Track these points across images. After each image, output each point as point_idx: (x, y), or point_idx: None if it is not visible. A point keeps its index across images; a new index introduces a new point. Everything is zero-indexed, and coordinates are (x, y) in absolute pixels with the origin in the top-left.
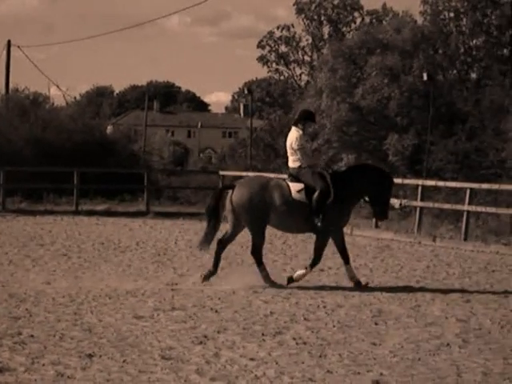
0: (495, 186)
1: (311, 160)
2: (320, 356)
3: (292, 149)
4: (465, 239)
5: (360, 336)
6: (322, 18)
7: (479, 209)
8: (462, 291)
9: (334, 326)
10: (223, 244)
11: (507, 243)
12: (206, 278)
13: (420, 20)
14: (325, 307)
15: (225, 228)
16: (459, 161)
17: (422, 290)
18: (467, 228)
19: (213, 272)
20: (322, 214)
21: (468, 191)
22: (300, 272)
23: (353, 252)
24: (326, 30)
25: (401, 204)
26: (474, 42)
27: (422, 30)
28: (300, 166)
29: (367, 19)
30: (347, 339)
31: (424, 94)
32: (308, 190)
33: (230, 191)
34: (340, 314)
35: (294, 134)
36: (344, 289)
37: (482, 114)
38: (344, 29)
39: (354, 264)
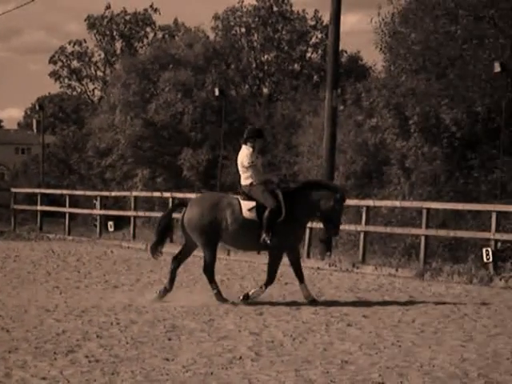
0: None
1: (263, 176)
2: (112, 373)
3: (243, 166)
4: (258, 253)
5: (153, 352)
6: (115, 33)
7: None
8: (256, 304)
9: (127, 343)
10: (178, 261)
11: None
12: (161, 295)
13: (212, 35)
14: (118, 324)
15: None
16: None
17: (215, 304)
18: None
19: (168, 289)
20: (272, 232)
21: None
22: (254, 290)
23: (147, 268)
24: (118, 45)
25: None
26: (266, 57)
27: (214, 45)
28: (251, 184)
29: (159, 34)
30: (140, 355)
31: (217, 109)
32: (259, 208)
33: (184, 209)
34: (133, 331)
35: (244, 152)
36: (138, 305)
37: (274, 128)
38: (136, 44)
39: (148, 279)
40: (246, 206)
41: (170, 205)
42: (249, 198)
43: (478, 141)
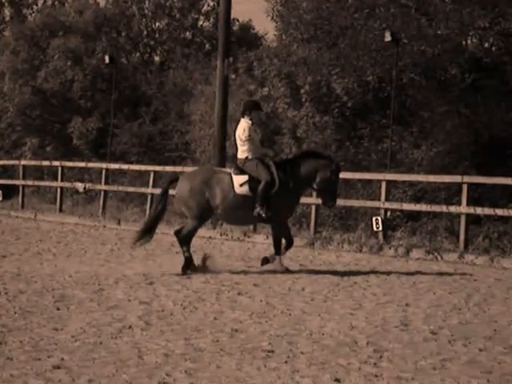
0: (179, 168)
1: (260, 150)
2: (0, 343)
3: (240, 140)
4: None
5: (42, 322)
6: (3, 0)
7: None
8: (146, 274)
9: (15, 313)
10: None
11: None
12: (184, 269)
13: (102, 2)
14: (6, 293)
15: None
16: (144, 144)
17: (105, 273)
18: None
19: (190, 260)
20: (267, 205)
21: (152, 174)
22: (276, 258)
23: (36, 237)
24: (7, 11)
25: (85, 188)
26: (157, 24)
27: (105, 12)
28: (247, 158)
29: (49, 1)
30: (28, 325)
31: (108, 77)
32: (252, 182)
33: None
34: (22, 300)
35: (242, 125)
36: (26, 275)
37: (165, 96)
38: (26, 11)
39: (37, 249)
40: (238, 180)
41: (164, 185)
42: (242, 172)
43: (368, 110)
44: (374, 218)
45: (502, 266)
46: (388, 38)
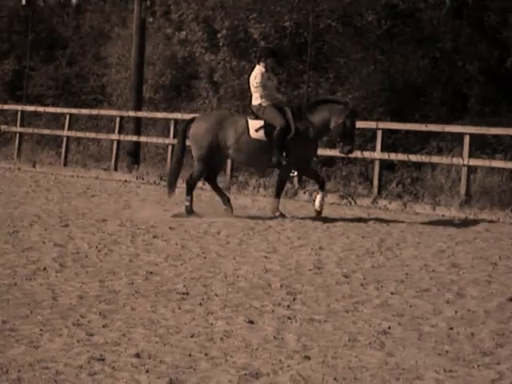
0: (95, 112)
1: (272, 97)
2: None
3: (253, 86)
4: (65, 165)
5: None
6: None
7: (79, 134)
8: (61, 216)
9: None
10: (211, 179)
11: (107, 168)
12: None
13: None
14: None
15: None
16: (60, 86)
17: (20, 215)
18: (67, 153)
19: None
20: (285, 151)
21: (68, 117)
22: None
23: None
24: None
25: (0, 130)
26: None
27: None
28: (260, 104)
29: None
30: None
31: (24, 19)
32: (267, 128)
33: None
34: None
35: (255, 72)
36: None
37: (82, 39)
38: None
39: None
40: (254, 125)
41: (181, 127)
42: (257, 117)
43: (285, 56)
44: None
45: (415, 211)
46: None
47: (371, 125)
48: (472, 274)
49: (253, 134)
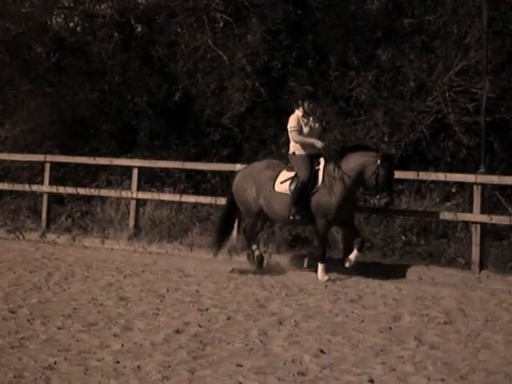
0: None
1: (306, 143)
2: None
3: (288, 132)
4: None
5: None
6: None
7: None
8: None
9: None
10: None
11: None
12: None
13: None
14: None
15: None
16: None
17: None
18: None
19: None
20: (300, 205)
21: None
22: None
23: None
24: None
25: None
26: None
27: None
28: (294, 153)
29: None
30: None
31: None
32: (296, 180)
33: None
34: None
35: (291, 117)
36: None
37: None
38: None
39: None
40: (281, 177)
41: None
42: (291, 168)
43: None
44: None
45: (84, 245)
46: None
47: (39, 158)
48: (140, 306)
49: (277, 186)
